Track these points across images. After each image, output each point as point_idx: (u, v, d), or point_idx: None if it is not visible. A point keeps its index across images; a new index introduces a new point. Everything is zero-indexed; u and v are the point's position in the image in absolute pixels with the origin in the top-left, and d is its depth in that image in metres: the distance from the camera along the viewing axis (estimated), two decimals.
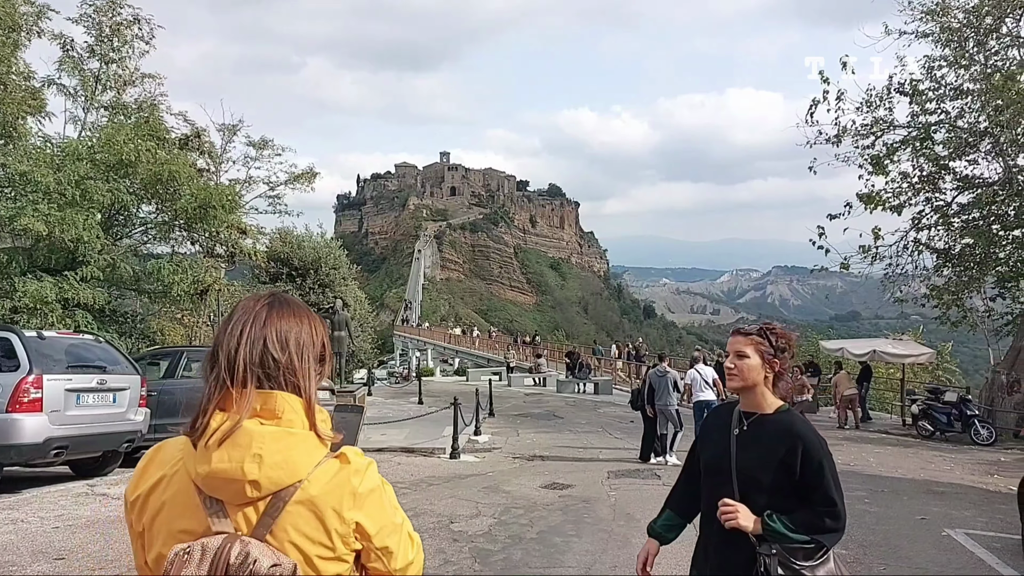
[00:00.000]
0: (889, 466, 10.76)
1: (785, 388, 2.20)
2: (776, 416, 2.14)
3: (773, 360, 2.14)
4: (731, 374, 2.18)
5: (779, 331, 2.20)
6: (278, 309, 1.21)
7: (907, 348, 17.29)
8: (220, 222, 16.93)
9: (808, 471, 2.03)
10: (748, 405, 2.19)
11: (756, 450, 2.11)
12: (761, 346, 2.14)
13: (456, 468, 10.05)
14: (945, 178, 17.42)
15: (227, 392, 1.14)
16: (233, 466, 1.09)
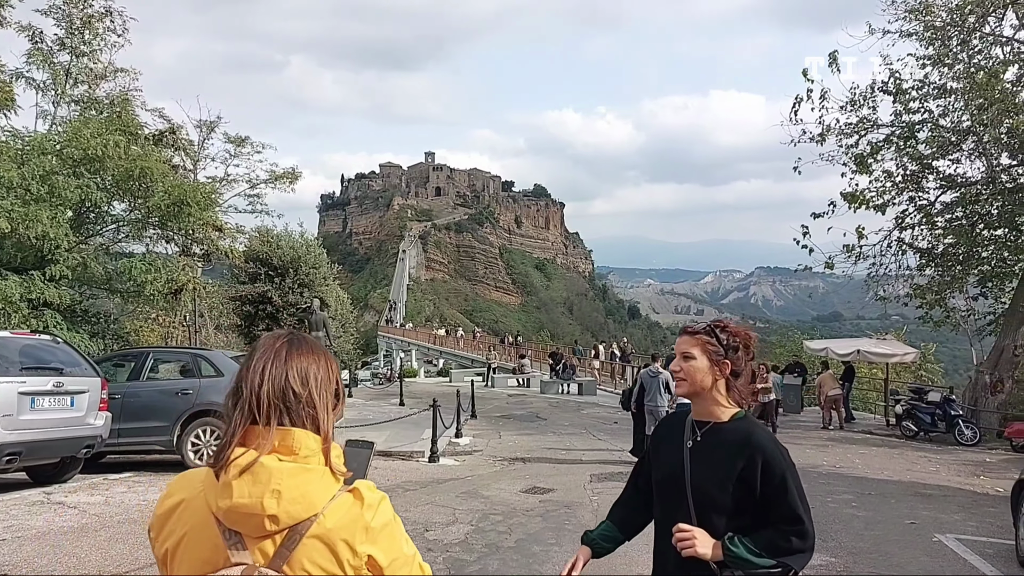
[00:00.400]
0: (875, 468, 10.61)
1: (743, 392, 1.95)
2: (732, 424, 1.91)
3: (723, 361, 1.91)
4: (678, 378, 1.96)
5: (731, 328, 1.98)
6: (297, 347, 1.27)
7: (891, 348, 17.23)
8: (195, 220, 16.51)
9: (770, 486, 1.82)
10: (700, 413, 1.97)
11: (711, 464, 1.89)
12: (709, 346, 1.93)
13: (434, 472, 9.76)
14: (928, 177, 17.39)
15: (249, 428, 1.20)
16: (253, 501, 1.14)
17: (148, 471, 9.03)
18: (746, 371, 1.95)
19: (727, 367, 1.91)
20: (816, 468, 10.34)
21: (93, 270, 15.38)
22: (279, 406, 1.20)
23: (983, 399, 16.13)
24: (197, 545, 1.18)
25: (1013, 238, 16.53)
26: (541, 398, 22.51)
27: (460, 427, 13.68)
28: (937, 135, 16.70)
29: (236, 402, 1.23)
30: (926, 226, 17.45)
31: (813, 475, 9.64)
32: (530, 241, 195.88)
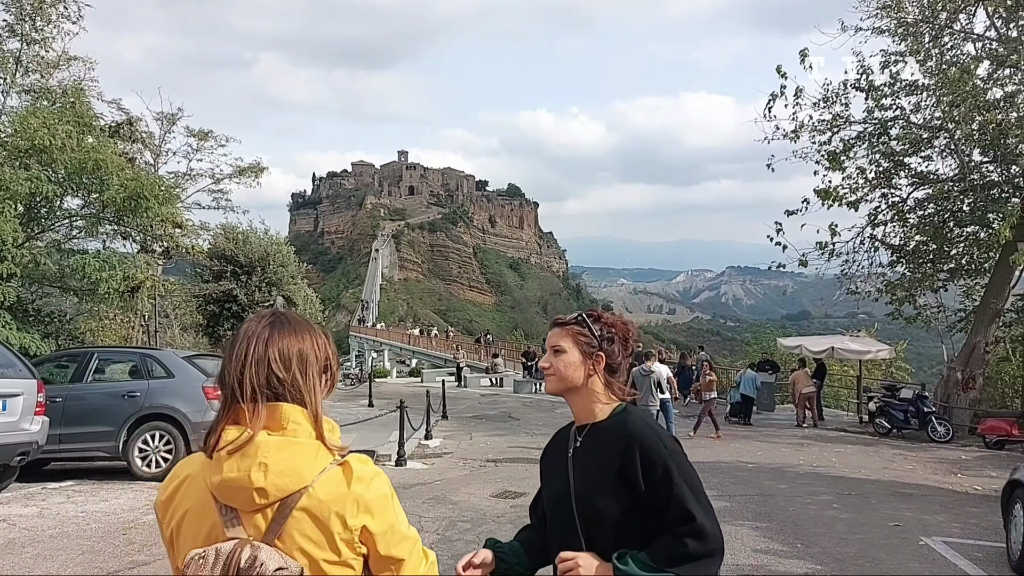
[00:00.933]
0: (853, 466, 10.42)
1: (624, 388, 1.74)
2: (609, 421, 1.69)
3: (597, 354, 1.70)
4: (547, 375, 1.74)
5: (605, 318, 1.76)
6: (279, 328, 1.25)
7: (865, 344, 17.19)
8: (154, 215, 15.83)
9: (652, 480, 1.56)
10: (579, 415, 1.76)
11: (592, 470, 1.66)
12: (581, 337, 1.71)
13: (401, 476, 9.31)
14: (900, 174, 17.39)
15: (239, 407, 1.20)
16: (241, 475, 1.15)
17: (92, 479, 8.45)
18: (623, 367, 1.76)
19: (601, 361, 1.70)
20: (794, 468, 10.11)
21: (45, 267, 14.66)
22: (264, 391, 1.20)
23: (955, 396, 16.14)
24: (197, 522, 1.19)
25: (984, 235, 16.59)
26: (514, 398, 22.14)
27: (430, 428, 13.25)
28: (909, 132, 16.69)
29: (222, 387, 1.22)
30: (898, 223, 17.47)
31: (791, 475, 9.41)
32: (504, 241, 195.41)
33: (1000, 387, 18.00)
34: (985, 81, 15.54)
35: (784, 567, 5.19)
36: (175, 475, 1.26)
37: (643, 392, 10.64)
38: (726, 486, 8.44)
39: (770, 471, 9.74)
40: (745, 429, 15.92)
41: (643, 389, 10.67)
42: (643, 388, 10.68)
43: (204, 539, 1.17)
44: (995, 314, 16.23)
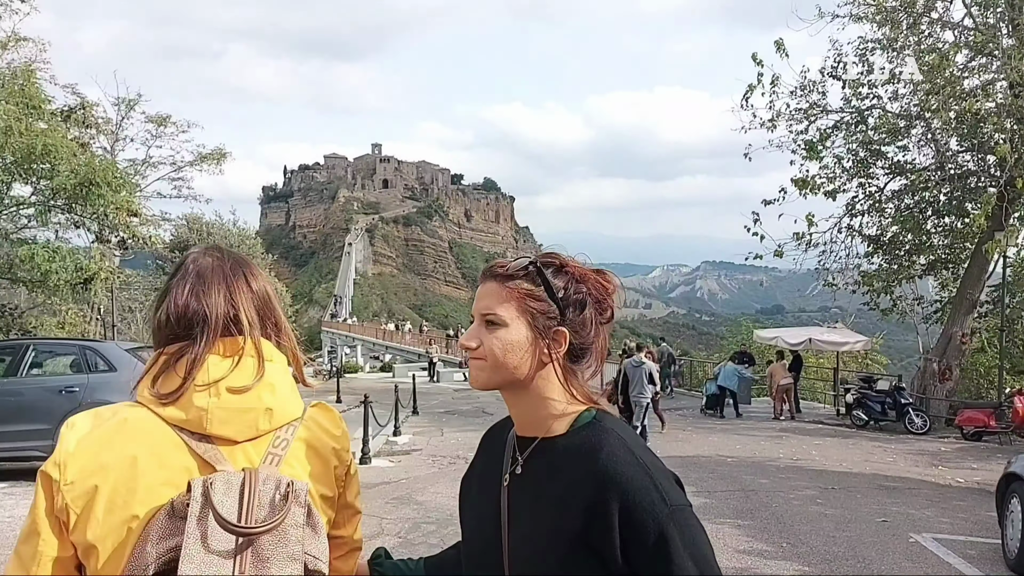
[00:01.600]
0: (833, 459, 10.14)
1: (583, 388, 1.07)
2: (570, 438, 1.03)
3: (558, 329, 1.03)
4: (473, 359, 1.06)
5: (572, 268, 1.08)
6: (245, 265, 1.15)
7: (842, 336, 17.03)
8: (106, 203, 15.09)
9: (638, 553, 0.92)
10: (521, 422, 1.08)
11: (537, 520, 1.01)
12: (532, 301, 1.03)
13: (365, 476, 8.80)
14: (877, 164, 17.26)
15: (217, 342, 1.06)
16: (248, 395, 1.03)
17: (26, 480, 7.82)
18: (597, 348, 1.08)
19: (563, 340, 1.03)
20: (775, 461, 9.80)
21: None
22: (254, 324, 1.08)
23: (932, 387, 16.05)
24: (153, 471, 0.97)
25: (960, 226, 16.51)
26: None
27: (398, 425, 12.75)
28: (886, 121, 16.54)
29: (187, 321, 1.05)
30: (875, 213, 17.33)
31: (772, 469, 9.10)
32: (480, 235, 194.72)
33: (975, 378, 18.00)
34: (962, 70, 15.42)
35: (771, 569, 4.82)
36: (100, 416, 1.03)
37: (635, 384, 10.41)
38: (706, 482, 8.09)
39: (750, 465, 9.42)
40: (723, 422, 15.66)
41: (635, 381, 10.43)
42: (635, 380, 10.44)
43: (165, 485, 0.96)
44: (971, 305, 16.16)
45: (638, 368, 10.60)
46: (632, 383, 10.53)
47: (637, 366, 10.65)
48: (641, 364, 10.67)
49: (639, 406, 10.44)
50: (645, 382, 10.46)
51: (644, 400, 10.42)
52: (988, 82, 15.27)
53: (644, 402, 10.42)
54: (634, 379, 10.53)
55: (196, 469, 0.99)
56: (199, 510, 0.92)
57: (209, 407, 1.01)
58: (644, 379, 10.47)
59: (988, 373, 17.83)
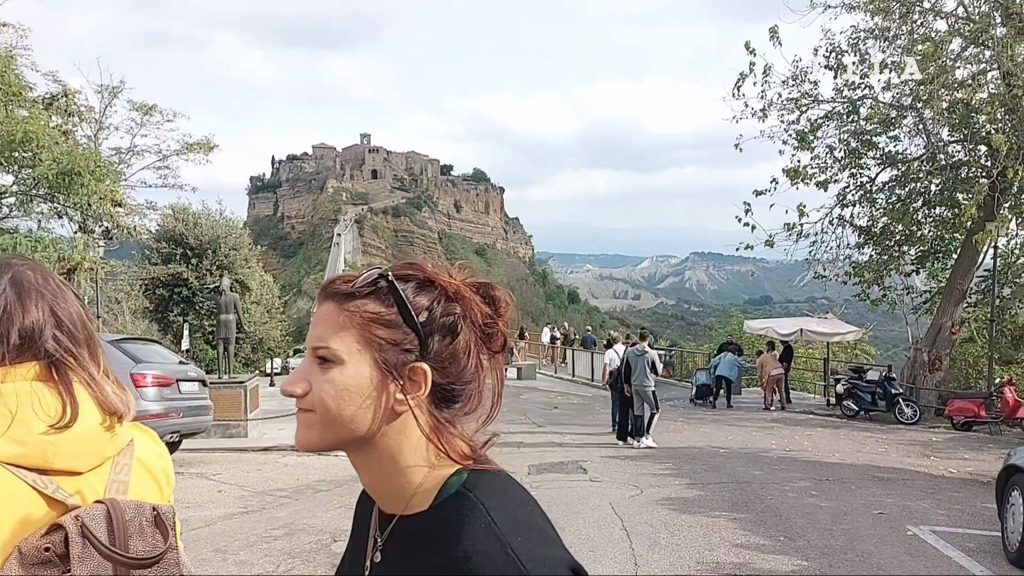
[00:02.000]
0: (826, 450, 10.12)
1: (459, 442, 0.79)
2: (431, 515, 0.76)
3: (415, 364, 0.76)
4: (300, 410, 0.77)
5: (439, 278, 0.79)
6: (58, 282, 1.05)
7: (834, 326, 17.01)
8: (90, 192, 14.83)
9: None
10: (375, 494, 0.81)
11: None
12: (376, 328, 0.76)
13: (331, 470, 8.66)
14: (869, 154, 17.23)
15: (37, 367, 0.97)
16: (92, 424, 0.96)
17: None
18: (482, 380, 0.81)
19: (423, 377, 0.76)
20: (767, 452, 9.76)
21: None
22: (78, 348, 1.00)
23: (922, 377, 16.10)
24: (6, 511, 0.87)
25: (950, 216, 16.53)
26: None
27: None
28: (877, 111, 16.49)
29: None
30: (866, 204, 17.32)
31: (765, 460, 9.05)
32: (470, 226, 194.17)
33: (964, 368, 18.07)
34: (954, 59, 15.38)
35: (769, 564, 4.74)
36: None
37: (637, 373, 10.41)
38: (699, 473, 8.02)
39: (743, 456, 9.37)
40: (713, 413, 15.65)
41: (637, 370, 10.44)
42: (637, 369, 10.45)
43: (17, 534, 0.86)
44: (961, 295, 16.21)
45: (640, 357, 10.63)
46: (634, 372, 10.58)
47: (639, 355, 10.68)
48: (644, 353, 10.69)
49: (640, 395, 10.50)
50: (648, 371, 10.49)
51: (648, 388, 10.45)
52: (980, 72, 15.25)
53: (648, 391, 10.47)
54: (636, 368, 10.58)
55: (43, 504, 0.90)
56: (80, 551, 0.85)
57: (55, 439, 0.92)
58: (647, 368, 10.50)
59: (977, 363, 17.91)
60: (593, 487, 7.32)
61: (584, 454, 9.61)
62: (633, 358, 10.69)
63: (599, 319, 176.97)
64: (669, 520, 5.85)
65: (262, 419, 12.69)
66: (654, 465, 8.60)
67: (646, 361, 10.56)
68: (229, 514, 6.15)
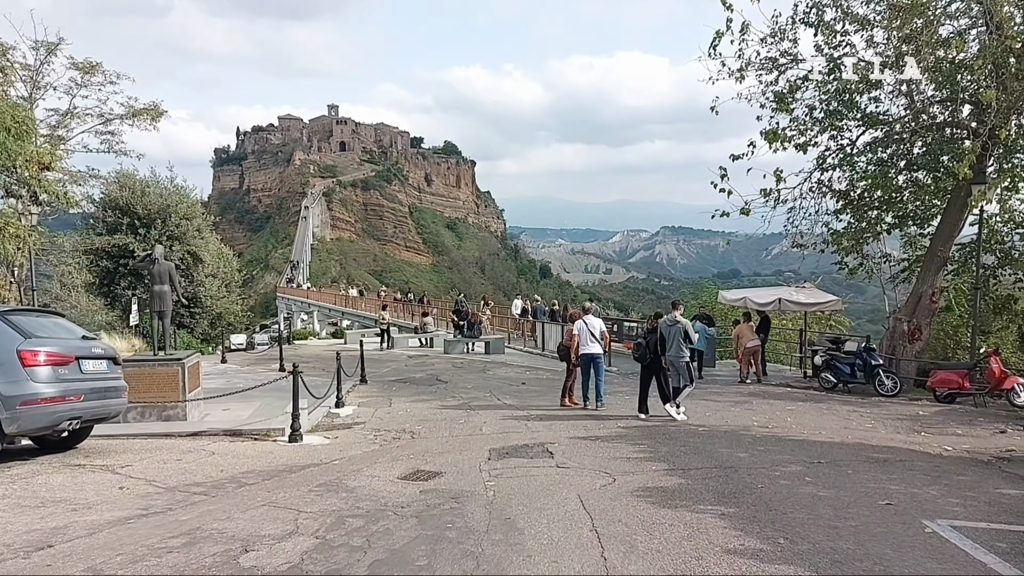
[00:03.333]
0: (810, 427, 9.39)
1: None
2: None
3: None
4: None
5: None
6: None
7: (812, 296, 16.34)
8: (14, 153, 13.43)
9: None
10: None
11: None
12: None
13: (293, 456, 7.69)
14: (849, 115, 16.45)
15: None
16: None
17: None
18: None
19: None
20: (748, 431, 8.99)
21: None
22: None
23: (901, 348, 15.56)
24: None
25: (930, 181, 15.88)
26: (444, 359, 20.61)
27: (341, 396, 11.61)
28: (859, 70, 15.67)
29: None
30: (847, 167, 16.57)
31: (747, 440, 8.26)
32: (441, 200, 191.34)
33: (942, 338, 17.58)
34: (938, 18, 14.58)
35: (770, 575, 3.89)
36: None
37: (672, 344, 10.22)
38: (679, 456, 7.18)
39: (724, 435, 8.58)
40: None
41: (671, 340, 10.24)
42: (671, 339, 10.24)
43: None
44: (941, 263, 15.63)
45: (673, 327, 10.31)
46: (669, 342, 10.27)
47: (672, 325, 10.32)
48: (676, 323, 10.31)
49: (674, 367, 10.21)
50: (682, 340, 10.20)
51: (683, 360, 10.20)
52: (967, 27, 14.50)
53: (683, 361, 10.19)
54: (671, 338, 10.27)
55: None
56: None
57: None
58: (680, 338, 10.20)
59: (956, 333, 17.44)
60: (560, 474, 6.44)
61: (551, 435, 8.74)
62: (666, 328, 10.35)
63: (571, 293, 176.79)
64: (647, 517, 4.98)
65: (206, 399, 11.58)
66: (627, 447, 7.75)
67: (679, 331, 10.23)
68: (123, 518, 5.12)
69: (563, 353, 11.68)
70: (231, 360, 20.44)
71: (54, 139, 21.31)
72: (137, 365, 10.50)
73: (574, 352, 11.21)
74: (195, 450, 7.65)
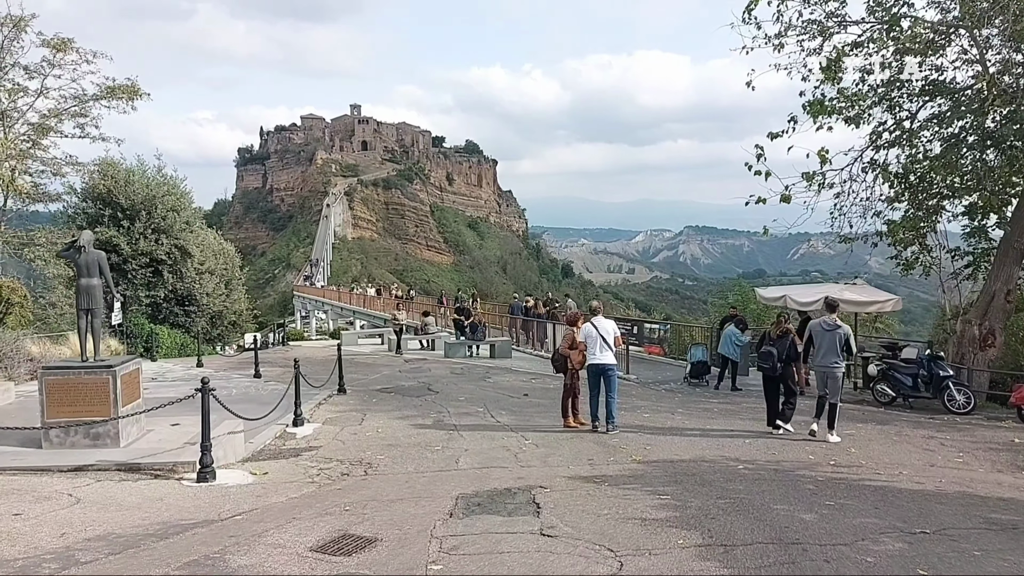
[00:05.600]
0: (885, 463, 7.23)
1: None
2: None
3: None
4: None
5: None
6: None
7: (865, 294, 14.06)
8: None
9: None
10: None
11: None
12: None
13: (186, 506, 5.72)
14: (908, 84, 14.19)
15: None
16: None
17: None
18: None
19: None
20: (806, 469, 6.84)
21: None
22: None
23: (971, 355, 13.25)
24: None
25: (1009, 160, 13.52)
26: (444, 364, 18.59)
27: (300, 412, 9.67)
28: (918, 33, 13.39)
29: None
30: (905, 144, 14.28)
31: (808, 486, 6.12)
32: (462, 199, 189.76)
33: (1014, 344, 15.17)
34: None
35: None
36: None
37: (823, 351, 8.62)
38: (716, 518, 5.08)
39: (775, 478, 6.46)
40: (719, 399, 12.78)
41: (822, 347, 8.63)
42: (823, 346, 8.63)
43: None
44: (1019, 255, 13.30)
45: (832, 332, 8.58)
46: (820, 350, 8.62)
47: (830, 329, 8.61)
48: (836, 327, 8.63)
49: (825, 377, 8.65)
50: (840, 349, 8.55)
51: (839, 371, 8.63)
52: None
53: (839, 372, 8.62)
54: (823, 344, 8.59)
55: None
56: None
57: None
58: (838, 346, 8.54)
59: None
60: (541, 554, 4.40)
61: (545, 472, 6.70)
62: (820, 332, 8.70)
63: (593, 293, 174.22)
64: None
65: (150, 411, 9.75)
66: (644, 498, 5.69)
67: (840, 338, 8.56)
68: None
69: (559, 363, 9.50)
70: (210, 364, 18.64)
71: (38, 128, 19.71)
72: (59, 374, 8.71)
73: (575, 361, 9.14)
74: (57, 495, 5.72)
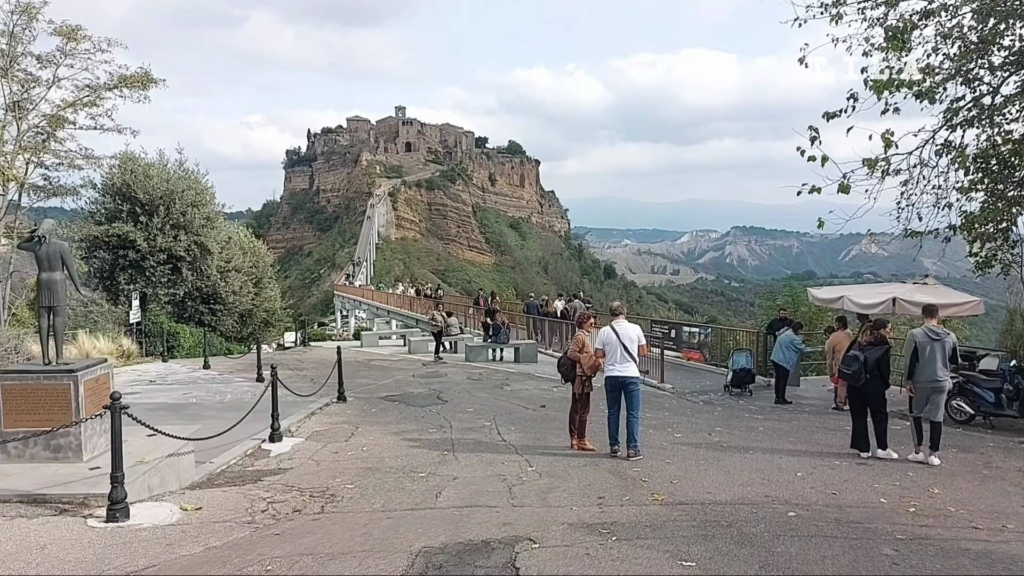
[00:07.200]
0: (980, 511, 5.63)
1: None
2: None
3: None
4: None
5: None
6: None
7: (941, 295, 12.22)
8: None
9: None
10: None
11: None
12: None
13: (66, 561, 4.45)
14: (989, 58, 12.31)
15: None
16: None
17: None
18: None
19: None
20: (883, 519, 5.28)
21: None
22: None
23: None
24: None
25: None
26: (462, 368, 17.28)
27: (277, 425, 8.50)
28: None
29: None
30: (986, 124, 12.41)
31: (886, 550, 4.55)
32: (504, 199, 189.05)
33: None
34: None
35: None
36: None
37: (926, 362, 7.67)
38: None
39: (839, 533, 4.93)
40: (764, 414, 11.18)
41: (926, 358, 7.69)
42: (927, 357, 7.68)
43: None
44: None
45: (941, 341, 7.70)
46: (924, 361, 7.66)
47: (938, 338, 7.72)
48: (943, 336, 7.75)
49: (929, 390, 7.69)
50: (946, 360, 7.72)
51: (948, 385, 7.84)
52: None
53: (945, 386, 7.75)
54: (927, 357, 7.65)
55: None
56: None
57: None
58: (944, 356, 7.69)
59: None
60: None
61: (540, 516, 5.33)
62: (923, 341, 7.74)
63: (636, 294, 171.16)
64: None
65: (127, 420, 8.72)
66: (661, 561, 4.27)
67: (945, 347, 7.69)
68: None
69: (566, 370, 8.05)
70: (217, 365, 17.70)
71: (52, 120, 19.19)
72: (16, 378, 7.74)
73: (588, 368, 7.71)
74: None
